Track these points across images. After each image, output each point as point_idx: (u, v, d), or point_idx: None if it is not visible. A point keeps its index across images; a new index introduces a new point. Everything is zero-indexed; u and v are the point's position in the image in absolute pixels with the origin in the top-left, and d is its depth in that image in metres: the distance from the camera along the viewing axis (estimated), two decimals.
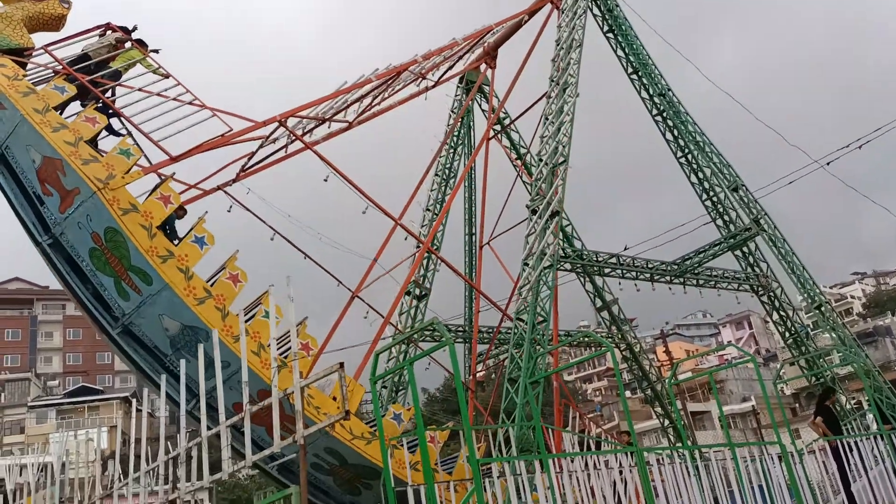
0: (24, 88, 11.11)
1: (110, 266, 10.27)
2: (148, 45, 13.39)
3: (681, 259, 20.76)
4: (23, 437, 64.04)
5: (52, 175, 10.44)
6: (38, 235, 10.60)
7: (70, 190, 10.30)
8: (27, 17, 12.32)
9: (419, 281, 22.30)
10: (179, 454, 8.73)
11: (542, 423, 12.47)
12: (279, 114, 13.99)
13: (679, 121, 21.96)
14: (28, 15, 12.34)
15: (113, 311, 10.36)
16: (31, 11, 12.38)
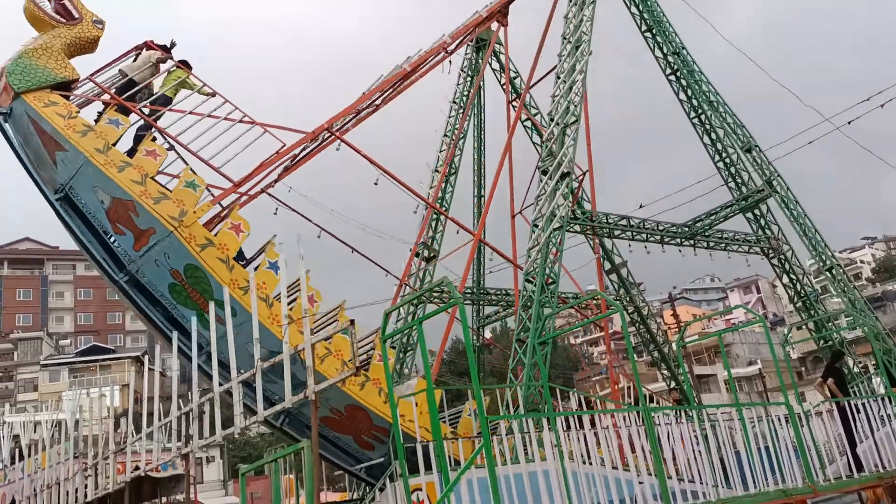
0: (80, 128, 10.82)
1: (192, 300, 10.28)
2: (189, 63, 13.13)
3: (692, 221, 20.61)
4: (36, 394, 65.12)
5: (123, 215, 10.27)
6: (112, 273, 10.51)
7: (144, 230, 10.16)
8: (66, 45, 11.89)
9: (427, 242, 22.26)
10: (192, 409, 8.84)
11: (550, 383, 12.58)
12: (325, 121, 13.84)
13: (693, 80, 21.64)
14: (66, 42, 11.90)
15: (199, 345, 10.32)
16: (68, 38, 11.94)
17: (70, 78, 11.80)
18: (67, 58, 11.98)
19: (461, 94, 24.56)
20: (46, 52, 11.69)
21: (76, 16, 12.13)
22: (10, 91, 11.21)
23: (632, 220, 19.21)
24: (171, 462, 15.94)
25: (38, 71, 11.41)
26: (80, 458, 15.72)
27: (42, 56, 11.60)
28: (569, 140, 16.92)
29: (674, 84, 22.44)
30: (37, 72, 11.39)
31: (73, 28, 12.05)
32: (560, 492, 7.88)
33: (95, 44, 12.43)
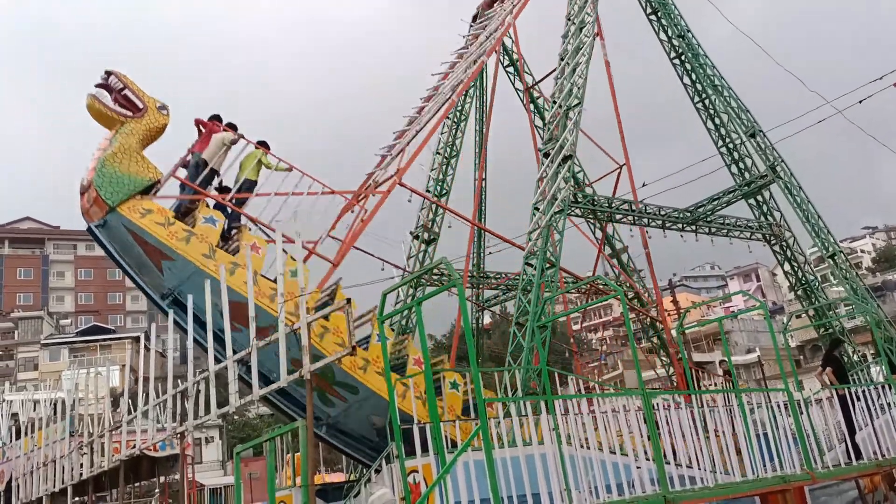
0: (182, 234, 10.80)
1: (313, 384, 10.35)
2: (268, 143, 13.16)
3: (693, 206, 20.44)
4: (36, 373, 65.28)
5: (240, 315, 10.03)
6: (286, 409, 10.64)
7: (263, 327, 9.95)
8: (139, 142, 11.71)
9: (427, 224, 22.15)
10: (187, 388, 8.79)
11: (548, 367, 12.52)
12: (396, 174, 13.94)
13: (697, 63, 21.41)
14: (140, 139, 11.72)
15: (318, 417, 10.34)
16: (141, 133, 11.73)
17: (155, 179, 11.69)
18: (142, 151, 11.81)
19: (454, 64, 24.31)
20: (126, 154, 11.47)
21: (141, 106, 11.87)
22: (104, 205, 11.13)
23: (633, 204, 19.05)
24: (170, 442, 15.97)
25: (125, 179, 11.27)
26: (77, 437, 15.74)
27: (123, 160, 11.41)
28: (571, 123, 16.74)
29: (678, 68, 22.21)
30: (124, 180, 11.26)
31: (142, 120, 11.81)
32: (557, 475, 7.81)
33: (163, 131, 12.23)
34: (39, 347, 69.40)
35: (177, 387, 10.47)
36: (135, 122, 11.75)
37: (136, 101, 11.87)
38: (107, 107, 11.60)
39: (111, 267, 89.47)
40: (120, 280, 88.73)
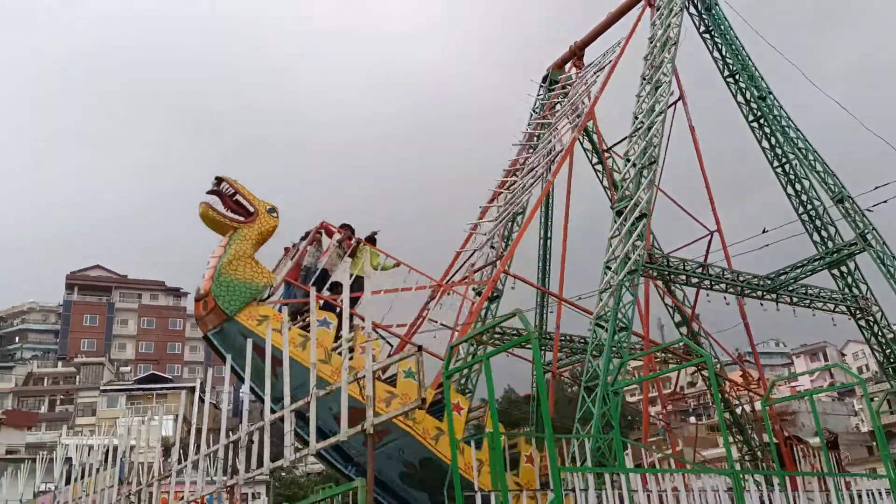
0: (298, 340, 10.87)
1: (426, 483, 10.24)
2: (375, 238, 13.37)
3: (775, 273, 19.33)
4: (94, 419, 66.04)
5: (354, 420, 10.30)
6: (340, 466, 10.61)
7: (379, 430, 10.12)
8: (253, 246, 11.87)
9: None
10: (240, 438, 8.29)
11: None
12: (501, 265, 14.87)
13: (779, 126, 20.59)
14: (252, 243, 11.86)
15: None
16: (254, 238, 11.87)
17: (270, 284, 11.79)
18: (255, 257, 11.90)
19: (532, 135, 24.07)
20: (241, 261, 11.58)
21: (251, 210, 11.98)
22: (222, 315, 11.22)
23: (711, 268, 18.12)
24: (217, 496, 15.44)
25: (240, 287, 11.37)
26: (126, 485, 15.33)
27: (239, 267, 11.51)
28: (645, 181, 16.14)
29: (757, 131, 21.43)
30: (240, 288, 11.36)
31: (254, 225, 11.91)
32: None
33: (273, 233, 12.33)
34: (99, 393, 70.48)
35: (228, 436, 10.02)
36: (247, 227, 11.81)
37: (247, 205, 11.94)
38: (220, 213, 11.73)
39: (172, 317, 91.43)
40: (180, 330, 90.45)
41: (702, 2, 21.91)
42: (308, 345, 10.44)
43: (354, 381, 7.34)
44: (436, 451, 10.38)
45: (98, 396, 70.22)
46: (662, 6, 20.18)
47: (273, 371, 10.05)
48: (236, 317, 11.19)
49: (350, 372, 9.56)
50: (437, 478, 9.60)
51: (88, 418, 67.11)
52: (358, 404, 8.77)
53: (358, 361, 10.22)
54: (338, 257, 12.67)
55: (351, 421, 7.90)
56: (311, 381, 7.52)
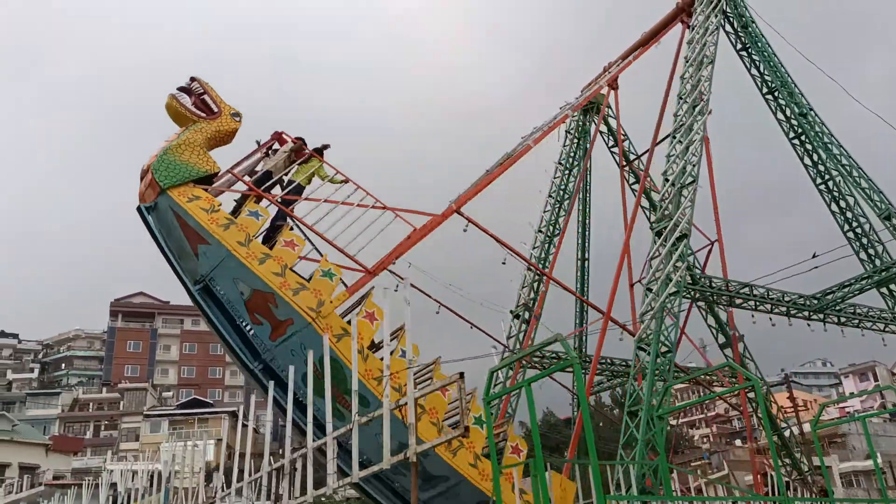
0: (223, 221, 11.19)
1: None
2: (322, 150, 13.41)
3: (821, 293, 18.87)
4: (137, 444, 66.88)
5: (262, 306, 10.48)
6: (247, 361, 10.57)
7: (283, 320, 10.29)
8: (206, 140, 12.33)
9: (528, 304, 21.45)
10: (283, 465, 8.29)
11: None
12: (454, 203, 13.79)
13: (821, 143, 20.22)
14: (207, 137, 12.34)
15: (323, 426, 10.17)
16: (209, 132, 12.39)
17: (211, 172, 12.13)
18: (207, 150, 12.31)
19: (567, 156, 24.05)
20: (189, 147, 12.03)
21: (216, 110, 12.54)
22: (157, 187, 11.62)
23: (755, 288, 17.76)
24: None
25: (181, 167, 11.79)
26: None
27: (185, 151, 11.96)
28: (685, 201, 15.96)
29: (798, 148, 21.08)
30: (180, 168, 11.78)
31: (213, 122, 12.43)
32: None
33: (233, 135, 12.79)
34: (142, 419, 71.43)
35: (271, 463, 10.04)
36: (206, 122, 12.39)
37: (212, 105, 12.54)
38: (184, 106, 12.32)
39: (213, 341, 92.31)
40: (220, 355, 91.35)
41: (738, 20, 21.72)
42: (231, 227, 11.00)
43: (397, 407, 7.29)
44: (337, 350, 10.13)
45: (141, 422, 71.19)
46: (698, 25, 20.06)
47: (194, 250, 10.68)
48: (169, 191, 11.50)
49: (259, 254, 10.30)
50: None
51: (132, 443, 68.02)
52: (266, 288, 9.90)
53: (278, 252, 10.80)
54: (284, 163, 12.88)
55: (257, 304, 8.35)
56: (353, 401, 7.46)
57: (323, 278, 10.78)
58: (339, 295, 10.99)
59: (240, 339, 10.74)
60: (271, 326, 10.42)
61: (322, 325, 10.10)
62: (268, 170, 12.69)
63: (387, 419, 7.04)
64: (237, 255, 10.70)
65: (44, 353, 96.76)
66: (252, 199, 11.95)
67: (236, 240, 10.88)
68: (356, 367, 8.32)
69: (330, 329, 9.99)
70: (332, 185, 12.63)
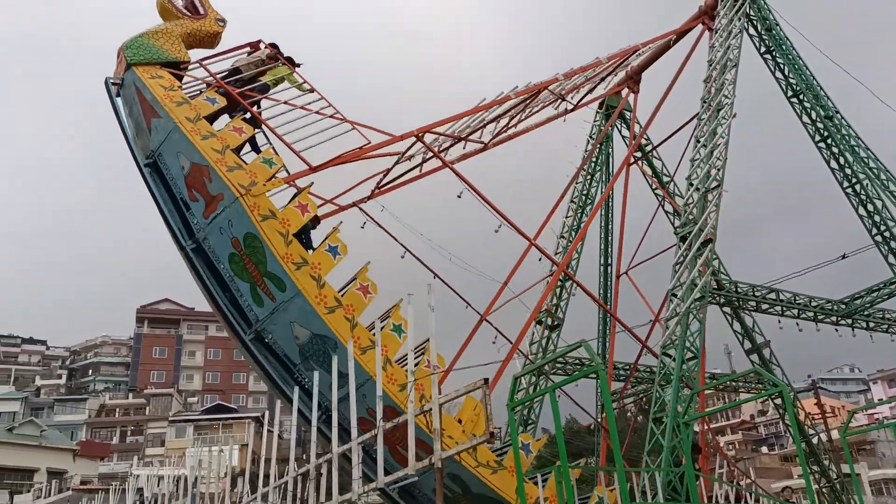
0: (178, 98, 11.67)
1: (247, 272, 10.41)
2: (295, 61, 13.81)
3: (849, 297, 18.61)
4: (163, 449, 67.50)
5: (198, 181, 10.87)
6: (182, 240, 10.93)
7: (215, 196, 10.62)
8: (185, 34, 12.97)
9: (552, 310, 21.35)
10: (308, 471, 8.34)
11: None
12: (416, 129, 13.76)
13: (847, 146, 19.98)
14: (186, 32, 13.00)
15: (247, 317, 10.37)
16: (190, 28, 13.04)
17: (180, 59, 12.73)
18: (186, 47, 12.97)
19: (589, 161, 23.93)
20: (164, 35, 12.74)
21: (202, 12, 13.29)
22: (124, 62, 12.30)
23: (782, 293, 17.55)
24: None
25: (151, 49, 12.45)
26: None
27: (160, 38, 12.65)
28: (710, 206, 15.82)
29: (824, 151, 20.83)
30: (150, 49, 12.44)
31: (196, 21, 13.13)
32: None
33: (215, 39, 13.45)
34: (167, 424, 72.10)
35: (296, 468, 10.09)
36: (189, 20, 13.07)
37: (199, 6, 13.28)
38: (172, 3, 13.03)
39: (237, 347, 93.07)
40: (244, 361, 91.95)
41: (761, 22, 21.53)
42: (184, 106, 11.43)
43: (421, 413, 7.30)
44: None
45: (167, 427, 71.84)
46: (721, 28, 19.90)
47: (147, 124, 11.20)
48: (135, 67, 12.05)
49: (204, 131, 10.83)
50: None
51: (157, 448, 68.67)
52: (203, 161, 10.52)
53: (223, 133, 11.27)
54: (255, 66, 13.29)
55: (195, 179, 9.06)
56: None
57: (262, 164, 11.12)
58: (275, 181, 11.23)
59: (179, 218, 11.15)
60: (205, 202, 10.75)
61: (250, 202, 10.38)
62: (237, 67, 13.20)
63: (411, 424, 7.05)
64: (183, 128, 11.11)
65: (71, 359, 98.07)
66: (213, 89, 12.43)
67: (185, 115, 11.31)
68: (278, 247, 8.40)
69: (257, 208, 10.33)
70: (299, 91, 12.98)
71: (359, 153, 12.90)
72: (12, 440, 52.64)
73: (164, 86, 11.85)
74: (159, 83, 11.86)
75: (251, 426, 67.14)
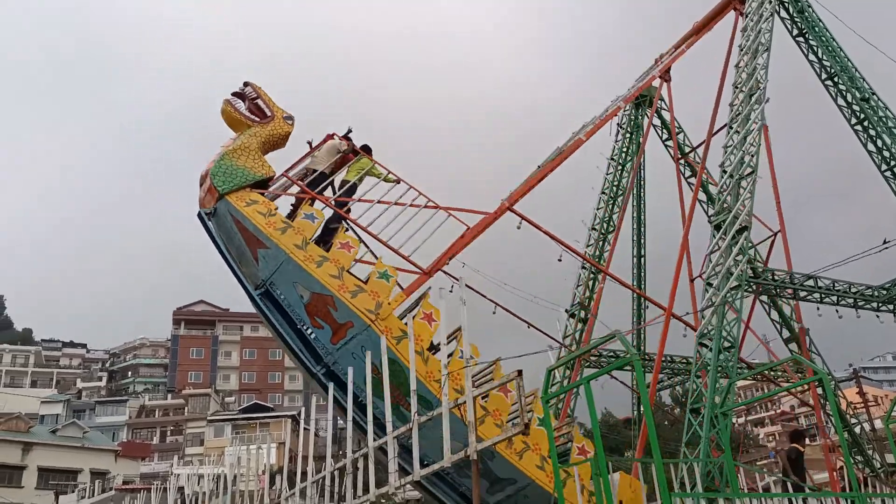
0: (280, 225, 11.30)
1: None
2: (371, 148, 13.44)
3: (890, 283, 18.17)
4: (202, 448, 68.54)
5: (321, 310, 10.57)
6: (310, 365, 10.67)
7: (342, 324, 10.34)
8: (261, 144, 12.48)
9: (584, 303, 21.22)
10: (346, 465, 8.38)
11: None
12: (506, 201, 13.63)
13: (885, 128, 19.50)
14: (261, 141, 12.47)
15: None
16: (263, 136, 12.52)
17: (267, 176, 12.28)
18: (263, 154, 12.47)
19: (619, 151, 23.72)
20: (245, 152, 12.21)
21: (269, 114, 12.71)
22: (215, 193, 11.80)
23: (820, 279, 17.21)
24: None
25: (237, 171, 11.97)
26: None
27: (241, 156, 12.15)
28: (745, 192, 15.55)
29: (861, 134, 20.35)
30: (237, 172, 11.96)
31: (267, 126, 12.59)
32: None
33: (286, 139, 12.95)
34: (206, 423, 73.19)
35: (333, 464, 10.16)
36: (260, 126, 12.52)
37: (265, 109, 12.70)
38: (238, 111, 12.51)
39: (272, 347, 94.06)
40: (279, 360, 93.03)
41: (793, 5, 21.08)
42: (288, 231, 11.03)
43: (456, 405, 7.29)
44: None
45: (205, 426, 72.92)
46: (752, 12, 19.53)
47: (254, 255, 10.73)
48: (228, 196, 11.63)
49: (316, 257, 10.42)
50: None
51: (197, 448, 69.74)
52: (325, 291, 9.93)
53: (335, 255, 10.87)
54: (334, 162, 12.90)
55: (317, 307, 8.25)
56: (411, 397, 7.49)
57: (379, 280, 10.78)
58: (397, 296, 11.01)
59: (301, 343, 10.80)
60: (332, 330, 10.45)
61: (381, 326, 10.11)
62: (322, 171, 12.76)
63: (446, 417, 7.04)
64: (295, 258, 10.78)
65: (111, 361, 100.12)
66: (307, 201, 12.08)
67: (293, 243, 10.97)
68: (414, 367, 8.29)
69: (389, 331, 10.00)
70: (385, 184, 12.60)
71: (462, 243, 12.57)
72: (56, 442, 53.92)
73: (262, 212, 11.49)
74: (257, 210, 11.52)
75: (288, 424, 67.84)
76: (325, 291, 10.43)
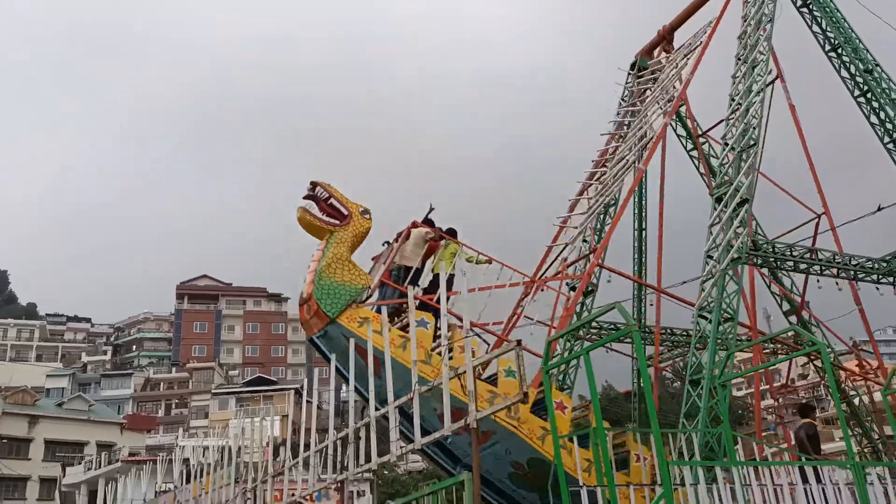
0: (399, 340, 10.97)
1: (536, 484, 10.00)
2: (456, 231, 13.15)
3: (891, 255, 18.15)
4: (206, 421, 69.31)
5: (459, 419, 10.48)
6: (448, 467, 10.68)
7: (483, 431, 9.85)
8: (349, 249, 12.04)
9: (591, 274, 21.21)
10: (348, 434, 8.52)
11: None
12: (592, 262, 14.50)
13: (888, 100, 19.35)
14: (349, 246, 12.03)
15: None
16: (349, 240, 12.02)
17: (367, 286, 11.87)
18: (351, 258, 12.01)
19: (621, 124, 23.58)
20: (339, 264, 11.75)
21: (345, 213, 12.16)
22: (324, 317, 11.45)
23: (820, 252, 17.23)
24: (325, 493, 15.90)
25: (340, 289, 11.55)
26: (241, 483, 16.02)
27: (337, 270, 11.68)
28: (745, 165, 15.53)
29: (864, 106, 20.19)
30: (340, 290, 11.54)
31: (349, 227, 12.07)
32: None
33: (367, 234, 12.45)
34: (210, 397, 73.91)
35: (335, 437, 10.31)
36: (342, 230, 11.96)
37: (341, 208, 12.12)
38: (317, 217, 11.95)
39: (275, 321, 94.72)
40: (282, 334, 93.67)
41: None
42: (408, 345, 10.45)
43: (455, 376, 7.41)
44: (543, 451, 10.08)
45: (210, 399, 73.68)
46: None
47: (376, 373, 9.92)
48: (338, 319, 11.33)
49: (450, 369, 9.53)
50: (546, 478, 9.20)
51: (201, 420, 70.54)
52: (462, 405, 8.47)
53: (458, 360, 10.03)
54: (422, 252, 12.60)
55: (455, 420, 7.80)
56: (413, 378, 7.64)
57: (507, 378, 10.26)
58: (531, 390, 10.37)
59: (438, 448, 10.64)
60: None
61: (525, 430, 10.06)
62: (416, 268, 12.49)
63: (446, 388, 7.15)
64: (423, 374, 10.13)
65: (115, 335, 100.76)
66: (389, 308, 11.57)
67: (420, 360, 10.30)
68: None
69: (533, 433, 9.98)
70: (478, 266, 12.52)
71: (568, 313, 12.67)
72: (63, 415, 54.53)
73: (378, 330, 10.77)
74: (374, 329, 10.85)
75: (291, 397, 68.48)
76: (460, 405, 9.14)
